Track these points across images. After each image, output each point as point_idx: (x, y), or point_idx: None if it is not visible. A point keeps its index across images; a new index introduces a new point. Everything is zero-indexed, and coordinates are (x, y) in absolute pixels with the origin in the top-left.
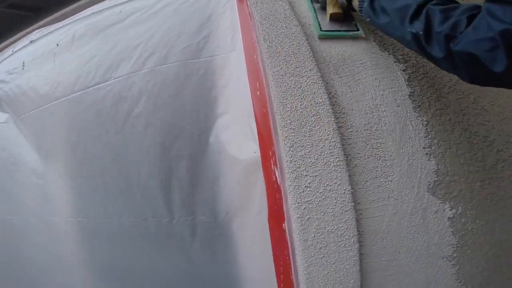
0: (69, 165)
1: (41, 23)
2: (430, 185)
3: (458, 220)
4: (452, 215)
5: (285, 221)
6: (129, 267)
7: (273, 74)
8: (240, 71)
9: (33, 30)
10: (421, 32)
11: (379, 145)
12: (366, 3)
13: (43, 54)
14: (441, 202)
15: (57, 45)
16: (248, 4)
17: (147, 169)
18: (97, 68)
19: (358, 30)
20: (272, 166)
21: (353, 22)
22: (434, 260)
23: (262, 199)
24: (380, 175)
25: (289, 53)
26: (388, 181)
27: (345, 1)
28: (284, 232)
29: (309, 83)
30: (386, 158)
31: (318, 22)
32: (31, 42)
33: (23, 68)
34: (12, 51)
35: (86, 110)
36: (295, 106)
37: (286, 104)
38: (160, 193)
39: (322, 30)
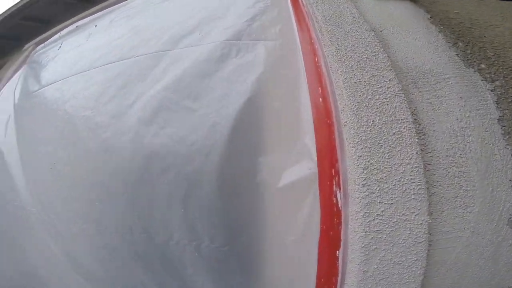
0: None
1: (92, 10)
2: (511, 218)
3: None
4: None
5: (341, 249)
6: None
7: (345, 81)
8: (287, 67)
9: (84, 17)
10: None
11: (461, 173)
12: None
13: (80, 36)
14: None
15: (95, 26)
16: (304, 2)
17: (152, 167)
18: (122, 46)
19: None
20: (334, 187)
21: None
22: None
23: (310, 221)
24: (459, 205)
25: (363, 59)
26: (467, 212)
27: None
28: (337, 260)
29: (389, 95)
30: (468, 189)
31: None
32: (77, 27)
33: (59, 49)
34: (60, 36)
35: (94, 86)
36: (373, 121)
37: (361, 117)
38: (163, 204)
39: None
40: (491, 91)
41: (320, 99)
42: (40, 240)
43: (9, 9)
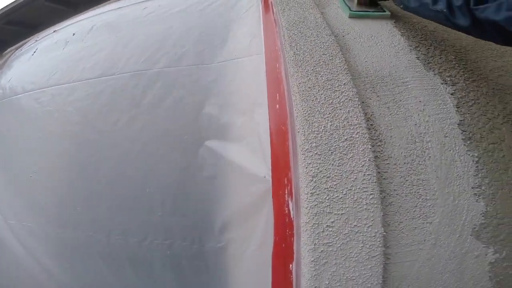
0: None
1: (74, 16)
2: (475, 228)
3: (500, 265)
4: (494, 260)
5: (294, 262)
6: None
7: (299, 86)
8: (256, 78)
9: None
10: (445, 10)
11: (420, 182)
12: None
13: (56, 43)
14: (485, 246)
15: (73, 34)
16: (274, 10)
17: (131, 176)
18: (104, 60)
19: (385, 12)
20: (286, 196)
21: (379, 6)
22: None
23: (266, 232)
24: (419, 216)
25: (319, 63)
26: (427, 223)
27: None
28: (290, 274)
29: (342, 100)
30: (428, 197)
31: (347, 5)
32: (54, 31)
33: (33, 55)
34: (36, 40)
35: (78, 101)
36: (324, 126)
37: (312, 123)
38: (138, 206)
39: (352, 10)
40: (451, 94)
41: (277, 106)
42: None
43: None
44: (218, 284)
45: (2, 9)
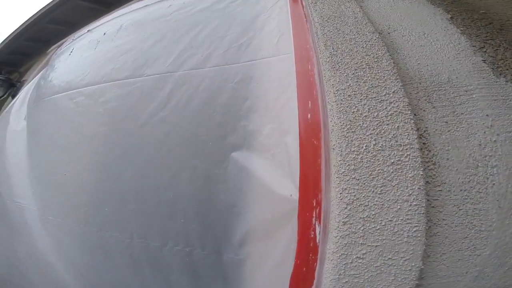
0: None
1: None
2: None
3: None
4: None
5: (313, 287)
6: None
7: (336, 93)
8: (284, 82)
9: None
10: None
11: (477, 212)
12: None
13: (90, 42)
14: None
15: (104, 34)
16: (304, 3)
17: (155, 180)
18: (131, 61)
19: None
20: (313, 220)
21: None
22: None
23: (287, 252)
24: (467, 247)
25: (361, 66)
26: (475, 255)
27: None
28: None
29: (391, 113)
30: (482, 229)
31: None
32: (88, 31)
33: (70, 55)
34: (73, 39)
35: (107, 103)
36: (366, 145)
37: (352, 140)
38: (161, 211)
39: None
40: None
41: (309, 115)
42: (31, 235)
43: (36, 13)
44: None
45: (43, 8)
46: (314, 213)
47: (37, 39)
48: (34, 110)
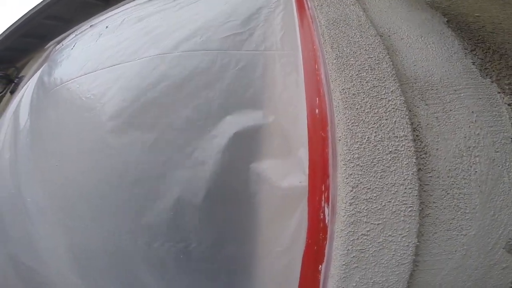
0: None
1: (108, 10)
2: (509, 242)
3: None
4: None
5: (324, 263)
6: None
7: (343, 92)
8: (289, 77)
9: (99, 16)
10: None
11: (462, 195)
12: None
13: (92, 35)
14: None
15: (106, 27)
16: (309, 5)
17: (147, 169)
18: (126, 47)
19: None
20: (322, 203)
21: None
22: None
23: (297, 234)
24: (454, 228)
25: (364, 67)
26: (462, 235)
27: None
28: (319, 274)
29: (389, 109)
30: (467, 211)
31: None
32: (91, 26)
33: (72, 49)
34: (75, 35)
35: (100, 86)
36: (368, 137)
37: (356, 133)
38: (149, 202)
39: None
40: (508, 105)
41: (317, 111)
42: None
43: (32, 8)
44: (247, 283)
45: (39, 3)
46: (323, 196)
47: (34, 35)
48: (40, 104)
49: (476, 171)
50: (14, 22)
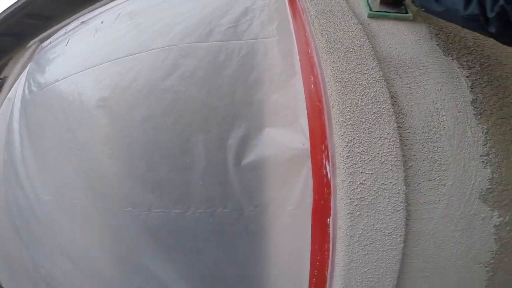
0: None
1: (94, 6)
2: (482, 192)
3: (504, 228)
4: (498, 223)
5: (331, 216)
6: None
7: (333, 69)
8: (287, 60)
9: (87, 13)
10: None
11: (436, 148)
12: None
13: (87, 31)
14: (490, 210)
15: (102, 22)
16: None
17: (167, 148)
18: (131, 40)
19: (407, 13)
20: (324, 160)
21: (403, 6)
22: (471, 264)
23: (304, 193)
24: (434, 178)
25: (349, 50)
26: (441, 185)
27: None
28: (328, 227)
29: (371, 81)
30: (442, 163)
31: (368, 3)
32: (82, 23)
33: (66, 45)
34: (65, 32)
35: (108, 79)
36: (356, 103)
37: (346, 100)
38: (175, 178)
39: (372, 10)
40: (467, 77)
41: (312, 86)
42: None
43: (10, 6)
44: (260, 244)
45: (18, 1)
46: (323, 155)
47: (12, 34)
48: (35, 102)
49: (444, 127)
50: None
